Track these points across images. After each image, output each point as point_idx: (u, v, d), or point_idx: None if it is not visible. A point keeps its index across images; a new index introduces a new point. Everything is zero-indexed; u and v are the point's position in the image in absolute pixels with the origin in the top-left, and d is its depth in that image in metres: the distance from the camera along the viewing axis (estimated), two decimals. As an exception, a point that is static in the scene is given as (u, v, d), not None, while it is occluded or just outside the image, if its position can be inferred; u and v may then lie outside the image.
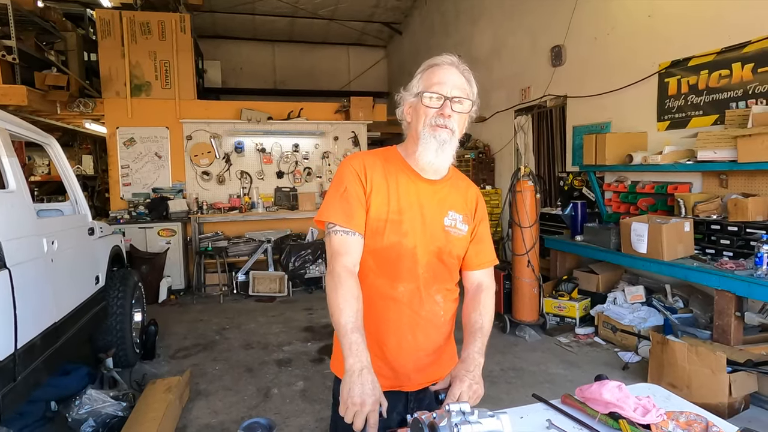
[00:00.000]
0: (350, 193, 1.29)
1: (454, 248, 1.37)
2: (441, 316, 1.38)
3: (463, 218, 1.39)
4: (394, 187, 1.32)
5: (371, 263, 1.32)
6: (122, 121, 6.55)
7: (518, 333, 4.43)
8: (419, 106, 1.30)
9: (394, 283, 1.32)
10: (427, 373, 1.38)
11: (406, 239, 1.30)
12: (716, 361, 2.88)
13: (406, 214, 1.31)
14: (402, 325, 1.33)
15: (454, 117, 1.28)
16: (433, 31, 9.33)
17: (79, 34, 6.64)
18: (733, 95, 3.76)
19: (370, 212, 1.30)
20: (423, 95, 1.29)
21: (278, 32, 10.96)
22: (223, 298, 6.02)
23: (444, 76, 1.28)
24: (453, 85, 1.28)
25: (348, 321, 1.16)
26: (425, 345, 1.36)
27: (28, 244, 2.42)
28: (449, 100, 1.27)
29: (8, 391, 2.09)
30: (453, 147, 1.30)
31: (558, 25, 5.67)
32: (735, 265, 3.27)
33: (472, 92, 1.32)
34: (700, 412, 1.31)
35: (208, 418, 3.12)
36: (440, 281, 1.37)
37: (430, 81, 1.29)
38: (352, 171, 1.32)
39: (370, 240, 1.30)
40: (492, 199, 7.22)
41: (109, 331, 3.60)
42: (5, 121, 2.57)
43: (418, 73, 1.34)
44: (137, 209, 6.40)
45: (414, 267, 1.32)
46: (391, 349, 1.34)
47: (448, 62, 1.31)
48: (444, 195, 1.37)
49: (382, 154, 1.40)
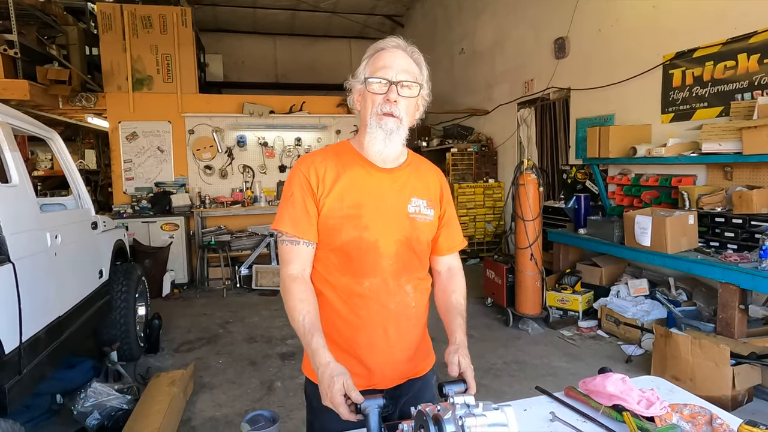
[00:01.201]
0: (296, 200, 1.27)
1: (422, 234, 1.33)
2: (413, 308, 1.34)
3: (427, 203, 1.34)
4: (349, 182, 1.28)
5: (334, 261, 1.29)
6: (124, 116, 6.55)
7: (521, 326, 4.43)
8: (366, 93, 1.26)
9: (359, 279, 1.28)
10: (402, 369, 1.35)
11: (366, 233, 1.26)
12: (720, 353, 2.87)
13: (365, 208, 1.26)
14: (371, 321, 1.29)
15: (401, 103, 1.23)
16: (436, 24, 9.27)
17: (81, 28, 6.62)
18: (739, 86, 3.73)
19: (324, 211, 1.26)
20: (368, 81, 1.24)
21: (280, 25, 10.90)
22: (226, 292, 6.04)
23: (389, 60, 1.23)
24: (399, 68, 1.23)
25: (301, 325, 1.18)
26: (397, 340, 1.32)
27: (31, 238, 2.42)
28: (395, 84, 1.22)
29: (14, 384, 2.10)
30: (402, 135, 1.26)
31: (561, 16, 5.62)
32: (739, 257, 3.26)
33: (421, 75, 1.27)
34: (704, 404, 1.30)
35: (212, 411, 3.13)
36: (410, 271, 1.33)
37: (375, 66, 1.24)
38: (299, 175, 1.29)
39: (330, 238, 1.27)
40: (495, 192, 7.21)
41: (113, 325, 3.62)
42: (7, 115, 2.57)
43: (364, 58, 1.29)
44: (140, 203, 6.42)
45: (378, 260, 1.27)
46: (362, 347, 1.30)
47: (394, 45, 1.26)
48: (404, 182, 1.32)
49: (334, 149, 1.36)
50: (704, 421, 1.23)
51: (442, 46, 8.89)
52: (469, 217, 7.13)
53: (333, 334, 1.28)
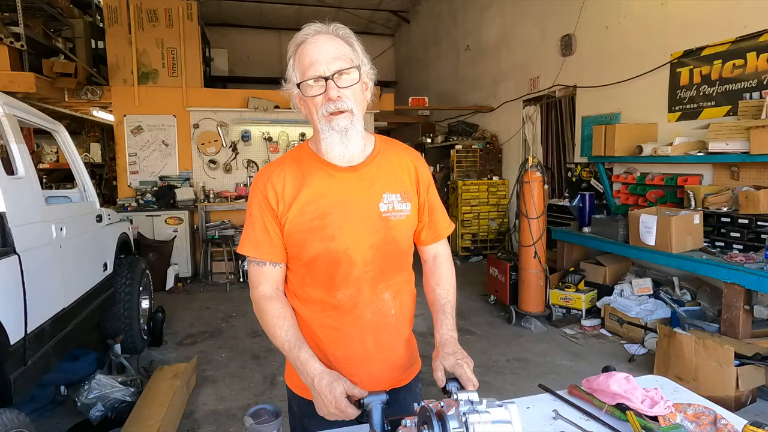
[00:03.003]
0: (255, 221, 1.21)
1: (399, 234, 1.23)
2: (392, 316, 1.25)
3: (401, 197, 1.23)
4: (311, 191, 1.18)
5: (306, 275, 1.23)
6: (129, 109, 6.55)
7: (524, 324, 4.42)
8: (305, 98, 1.15)
9: (331, 291, 1.21)
10: (384, 380, 1.27)
11: (334, 243, 1.17)
12: (724, 354, 2.86)
13: (330, 217, 1.17)
14: (347, 334, 1.22)
15: (345, 93, 1.11)
16: (441, 20, 9.22)
17: (87, 21, 6.63)
18: (747, 86, 3.70)
19: (287, 228, 1.18)
20: (302, 86, 1.12)
21: (285, 20, 10.89)
22: (229, 286, 6.06)
23: (315, 52, 1.10)
24: (328, 57, 1.09)
25: (283, 342, 1.15)
26: (376, 351, 1.24)
27: (36, 230, 2.43)
28: (330, 79, 1.09)
29: (19, 375, 2.12)
30: (359, 128, 1.14)
31: (568, 14, 5.59)
32: (745, 258, 3.24)
33: (356, 55, 1.14)
34: (708, 404, 1.30)
35: (214, 404, 3.15)
36: (388, 276, 1.24)
37: (303, 65, 1.11)
38: (257, 194, 1.21)
39: (298, 253, 1.20)
40: (499, 189, 7.19)
41: (117, 318, 3.64)
42: (13, 108, 2.57)
43: (288, 57, 1.16)
44: (144, 197, 6.44)
45: (350, 270, 1.19)
46: (339, 361, 1.23)
47: (314, 32, 1.12)
48: (372, 178, 1.21)
49: (292, 156, 1.25)
50: (708, 422, 1.22)
51: (448, 42, 8.85)
52: (473, 214, 7.12)
53: (310, 347, 1.20)
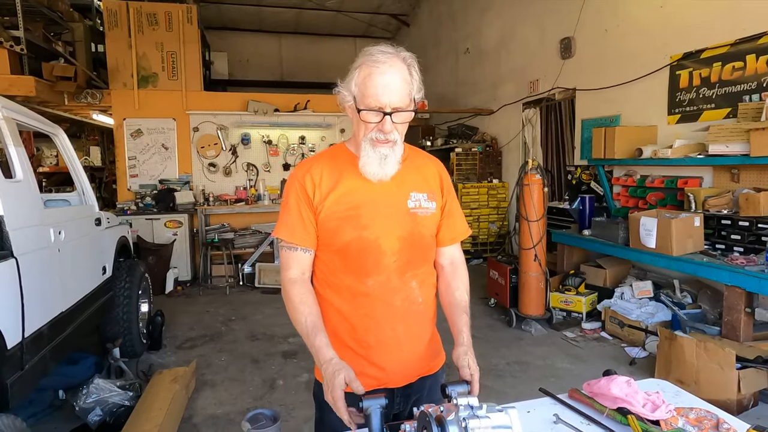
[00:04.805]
0: (291, 208, 1.29)
1: (425, 229, 1.34)
2: (419, 304, 1.34)
3: (427, 196, 1.34)
4: (346, 184, 1.28)
5: (337, 262, 1.30)
6: (129, 113, 6.56)
7: (524, 327, 4.41)
8: (358, 116, 1.23)
9: (362, 278, 1.28)
10: (413, 367, 1.35)
11: (366, 232, 1.26)
12: (725, 357, 2.85)
13: (363, 208, 1.27)
14: (378, 320, 1.29)
15: (397, 128, 1.21)
16: (441, 23, 9.24)
17: (87, 24, 6.63)
18: (747, 88, 3.70)
19: (323, 215, 1.27)
20: (362, 113, 1.20)
21: (285, 24, 10.90)
22: (229, 290, 6.05)
23: (381, 86, 1.16)
24: (392, 93, 1.16)
25: (304, 327, 1.20)
26: (406, 337, 1.32)
27: (35, 233, 2.42)
28: (389, 115, 1.18)
29: (16, 380, 2.11)
30: (397, 154, 1.25)
31: (568, 16, 5.59)
32: (746, 260, 3.23)
33: (413, 86, 1.21)
34: (710, 408, 1.29)
35: (213, 408, 3.13)
36: (414, 266, 1.33)
37: (366, 90, 1.17)
38: (295, 183, 1.31)
39: (331, 240, 1.28)
40: (499, 192, 7.19)
41: (116, 321, 3.62)
42: (12, 111, 2.57)
43: (354, 68, 1.22)
44: (144, 200, 6.43)
45: (380, 258, 1.28)
46: (372, 347, 1.30)
47: (385, 61, 1.17)
48: (402, 178, 1.31)
49: (329, 153, 1.38)
50: (710, 426, 1.21)
51: (448, 45, 8.86)
52: (473, 217, 7.10)
53: (342, 335, 1.30)
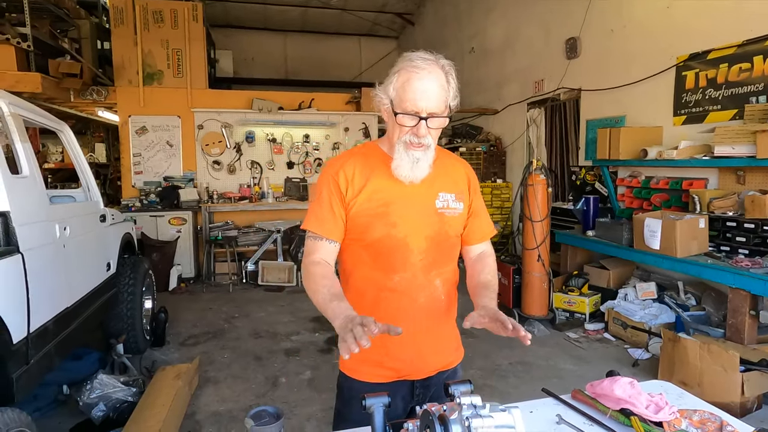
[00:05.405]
0: (323, 201, 1.33)
1: (451, 229, 1.37)
2: (442, 301, 1.38)
3: (455, 197, 1.38)
4: (377, 182, 1.32)
5: (365, 257, 1.34)
6: (134, 110, 6.58)
7: (527, 327, 4.40)
8: (393, 118, 1.25)
9: (389, 274, 1.32)
10: (432, 361, 1.39)
11: (395, 230, 1.30)
12: (729, 359, 2.84)
13: (393, 205, 1.31)
14: (401, 315, 1.32)
15: (431, 133, 1.25)
16: (446, 22, 9.23)
17: (93, 22, 6.66)
18: (754, 89, 3.67)
19: (354, 211, 1.31)
20: (398, 116, 1.23)
21: (290, 22, 10.90)
22: (232, 287, 6.06)
23: (419, 91, 1.19)
24: (429, 99, 1.20)
25: (324, 296, 1.20)
26: (426, 333, 1.36)
27: (40, 229, 2.44)
28: (425, 119, 1.21)
29: (21, 374, 2.12)
30: (429, 158, 1.28)
31: (573, 16, 5.57)
32: (751, 263, 3.21)
33: (450, 93, 1.25)
34: (714, 410, 1.28)
35: (216, 405, 3.14)
36: (439, 265, 1.36)
37: (404, 95, 1.21)
38: (328, 177, 1.34)
39: (361, 235, 1.32)
40: (503, 192, 7.17)
41: (119, 318, 3.64)
42: (19, 107, 2.58)
43: (393, 72, 1.25)
44: (148, 197, 6.46)
45: (408, 256, 1.32)
46: (393, 340, 1.30)
47: (424, 67, 1.20)
48: (431, 178, 1.33)
49: (361, 150, 1.41)
50: (714, 428, 1.21)
51: (453, 44, 8.84)
52: (477, 216, 7.09)
53: None
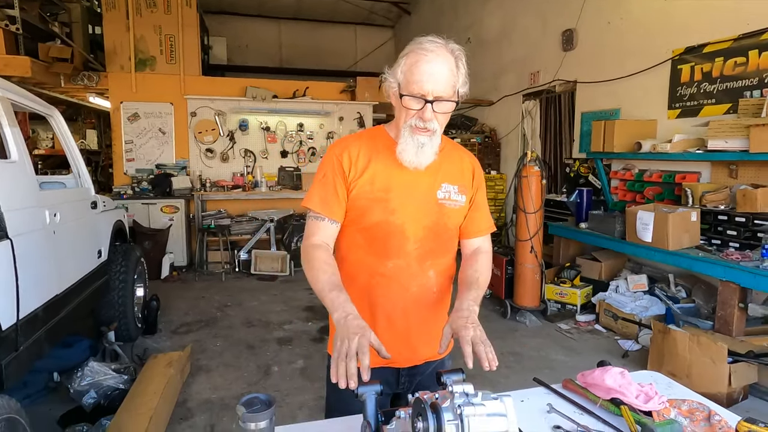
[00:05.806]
0: (327, 180, 1.31)
1: (450, 221, 1.36)
2: (434, 293, 1.37)
3: (458, 189, 1.36)
4: (381, 167, 1.31)
5: (360, 241, 1.33)
6: (126, 96, 6.49)
7: (519, 318, 4.43)
8: (399, 102, 1.25)
9: (383, 260, 1.32)
10: (421, 351, 1.38)
11: (393, 216, 1.29)
12: (717, 351, 2.87)
13: (394, 192, 1.30)
14: (391, 301, 1.33)
15: (437, 117, 1.23)
16: (443, 12, 9.15)
17: (84, 6, 6.53)
18: (748, 84, 3.69)
19: (354, 193, 1.30)
20: (404, 98, 1.22)
21: (285, 9, 10.77)
22: (225, 276, 6.04)
23: (426, 74, 1.18)
24: (436, 82, 1.18)
25: (324, 284, 1.18)
26: (416, 322, 1.35)
27: (30, 215, 2.40)
28: (431, 103, 1.20)
29: (11, 361, 2.10)
30: (435, 144, 1.27)
31: (570, 8, 5.55)
32: (741, 256, 3.24)
33: (458, 79, 1.23)
34: (702, 400, 1.30)
35: (208, 393, 3.14)
36: (435, 256, 1.35)
37: (411, 77, 1.20)
38: (332, 157, 1.33)
39: (359, 218, 1.31)
40: (497, 184, 7.17)
41: (111, 305, 3.62)
42: (7, 90, 2.53)
43: (402, 56, 1.24)
44: (140, 185, 6.39)
45: (403, 243, 1.31)
46: (381, 325, 1.32)
47: (433, 50, 1.20)
48: (435, 168, 1.33)
49: (368, 134, 1.40)
50: (702, 417, 1.23)
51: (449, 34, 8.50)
52: (470, 208, 7.10)
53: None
